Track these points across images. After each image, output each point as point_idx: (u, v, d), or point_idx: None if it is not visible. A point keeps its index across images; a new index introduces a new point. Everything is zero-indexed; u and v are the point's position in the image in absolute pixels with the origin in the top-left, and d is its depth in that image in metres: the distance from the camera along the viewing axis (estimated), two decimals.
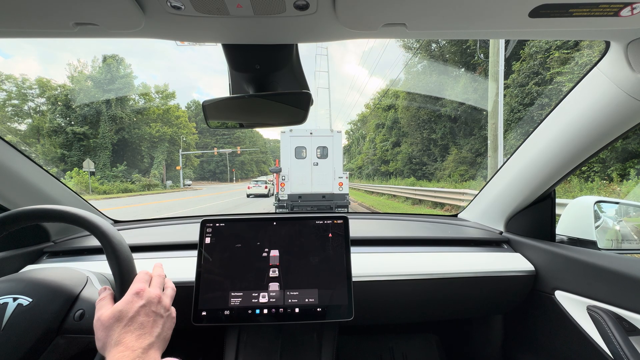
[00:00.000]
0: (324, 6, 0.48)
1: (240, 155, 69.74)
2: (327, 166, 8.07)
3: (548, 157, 0.91)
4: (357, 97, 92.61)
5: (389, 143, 29.82)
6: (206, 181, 60.28)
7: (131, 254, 0.64)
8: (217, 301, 0.82)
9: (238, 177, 67.65)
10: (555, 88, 11.85)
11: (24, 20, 0.51)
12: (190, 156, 47.75)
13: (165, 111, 40.12)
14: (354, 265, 0.87)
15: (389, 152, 29.72)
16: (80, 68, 35.18)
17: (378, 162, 31.95)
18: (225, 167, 65.73)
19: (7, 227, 0.61)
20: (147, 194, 27.17)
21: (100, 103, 31.56)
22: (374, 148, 33.53)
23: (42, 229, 1.05)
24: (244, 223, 0.90)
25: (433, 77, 23.78)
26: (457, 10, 0.50)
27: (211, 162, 65.95)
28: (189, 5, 0.47)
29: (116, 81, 34.29)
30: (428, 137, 23.48)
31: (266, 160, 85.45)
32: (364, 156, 39.28)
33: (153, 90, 41.08)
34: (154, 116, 37.67)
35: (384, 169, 30.00)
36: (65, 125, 30.26)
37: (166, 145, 37.35)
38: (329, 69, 48.86)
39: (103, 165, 30.48)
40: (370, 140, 36.99)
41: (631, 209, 1.12)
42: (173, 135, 39.90)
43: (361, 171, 39.98)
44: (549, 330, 0.98)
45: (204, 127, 58.48)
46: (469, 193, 9.47)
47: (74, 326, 0.62)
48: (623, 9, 0.49)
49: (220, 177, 64.96)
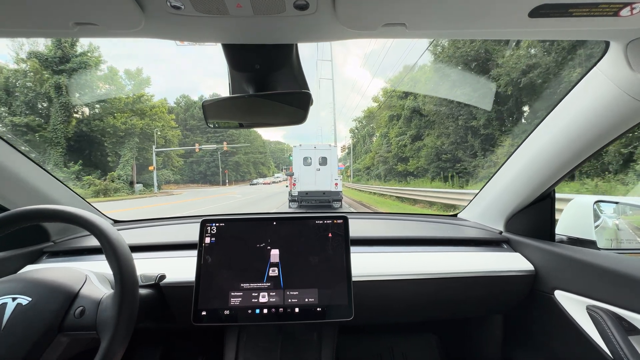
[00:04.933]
0: (323, 6, 0.48)
1: (235, 155, 59.84)
2: (326, 171, 10.73)
3: (548, 157, 0.91)
4: (358, 99, 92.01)
5: (407, 137, 24.00)
6: (196, 184, 52.62)
7: (131, 254, 0.64)
8: (217, 301, 0.82)
9: (232, 179, 58.07)
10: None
11: (24, 20, 0.51)
12: (171, 155, 38.49)
13: (136, 99, 30.61)
14: (354, 265, 0.87)
15: (407, 147, 23.87)
16: (28, 46, 24.44)
17: (393, 159, 26.00)
18: (217, 169, 56.06)
19: (7, 227, 0.61)
20: (101, 200, 18.91)
21: (49, 87, 22.98)
22: (388, 144, 27.89)
23: (42, 229, 1.05)
24: (244, 223, 0.90)
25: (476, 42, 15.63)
26: (457, 10, 0.50)
27: (201, 163, 55.58)
28: (189, 5, 0.47)
29: (70, 60, 24.88)
30: (465, 125, 16.98)
31: (265, 162, 77.76)
32: (373, 154, 34.06)
33: (123, 74, 31.23)
34: (120, 105, 28.58)
35: (400, 168, 24.27)
36: (5, 116, 22.05)
37: (135, 140, 28.32)
38: (328, 68, 47.75)
39: (55, 164, 22.37)
40: (382, 135, 31.09)
41: (631, 209, 1.13)
42: (145, 129, 30.29)
43: (369, 172, 35.07)
44: (549, 330, 0.98)
45: (194, 125, 52.99)
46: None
47: (74, 323, 0.62)
48: (623, 9, 0.49)
49: (212, 179, 55.36)
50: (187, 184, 49.60)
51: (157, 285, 0.83)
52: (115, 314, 0.59)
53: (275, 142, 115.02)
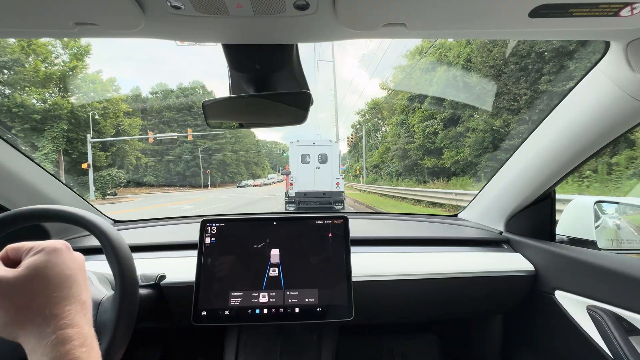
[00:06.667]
0: (324, 6, 0.48)
1: (219, 153, 47.61)
2: (327, 169, 9.84)
3: (548, 157, 0.91)
4: (356, 99, 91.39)
5: (438, 122, 17.84)
6: (173, 187, 41.60)
7: (131, 254, 0.64)
8: (217, 301, 0.82)
9: (218, 180, 47.43)
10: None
11: (24, 20, 0.51)
12: (126, 150, 28.10)
13: (68, 70, 21.64)
14: (354, 265, 0.87)
15: (438, 135, 17.61)
16: None
17: (417, 153, 19.63)
18: (198, 169, 44.99)
19: (7, 227, 0.61)
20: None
21: None
22: (408, 134, 21.37)
23: (42, 229, 1.05)
24: (244, 223, 0.90)
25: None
26: (457, 10, 0.50)
27: (179, 162, 44.41)
28: (189, 5, 0.47)
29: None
30: (550, 88, 11.11)
31: (259, 162, 67.46)
32: (382, 150, 28.30)
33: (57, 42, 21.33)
34: (37, 77, 19.80)
35: (428, 164, 18.15)
36: None
37: (62, 127, 19.85)
38: (326, 70, 46.04)
39: None
40: (398, 124, 24.12)
41: (631, 209, 1.12)
42: (76, 112, 21.20)
43: (377, 171, 28.95)
44: (549, 330, 0.98)
45: (171, 117, 43.95)
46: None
47: None
48: (623, 9, 0.49)
49: (193, 181, 44.42)
50: (162, 187, 40.84)
51: (157, 285, 0.83)
52: (115, 314, 0.59)
53: (272, 142, 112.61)
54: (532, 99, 11.35)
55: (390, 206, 13.01)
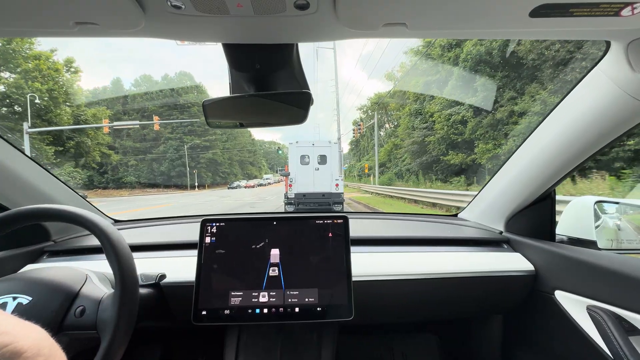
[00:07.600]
0: (324, 6, 0.48)
1: (209, 150, 42.98)
2: (326, 171, 9.79)
3: (548, 157, 0.91)
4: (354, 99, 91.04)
5: (465, 109, 14.95)
6: (157, 188, 37.84)
7: (131, 253, 0.64)
8: (217, 300, 0.82)
9: (207, 181, 42.86)
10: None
11: (24, 19, 0.51)
12: (90, 145, 23.56)
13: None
14: (354, 265, 0.87)
15: (468, 125, 14.72)
16: None
17: (440, 147, 16.48)
18: (185, 168, 40.57)
19: (8, 226, 0.61)
20: None
21: None
22: (426, 125, 18.10)
23: (42, 229, 1.05)
24: (244, 223, 0.90)
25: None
26: (458, 10, 0.50)
27: (163, 161, 39.59)
28: (189, 4, 0.47)
29: None
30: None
31: (255, 162, 63.76)
32: (390, 146, 25.44)
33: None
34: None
35: (453, 160, 15.34)
36: None
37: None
38: (325, 70, 45.25)
39: None
40: (411, 114, 20.90)
41: (631, 209, 1.12)
42: (14, 94, 17.67)
43: (384, 170, 25.34)
44: (549, 330, 0.98)
45: (154, 111, 38.23)
46: None
47: (75, 323, 0.62)
48: (623, 9, 0.49)
49: (179, 182, 39.90)
50: (144, 188, 36.96)
51: (157, 284, 0.83)
52: (115, 313, 0.59)
53: (270, 143, 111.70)
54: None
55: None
